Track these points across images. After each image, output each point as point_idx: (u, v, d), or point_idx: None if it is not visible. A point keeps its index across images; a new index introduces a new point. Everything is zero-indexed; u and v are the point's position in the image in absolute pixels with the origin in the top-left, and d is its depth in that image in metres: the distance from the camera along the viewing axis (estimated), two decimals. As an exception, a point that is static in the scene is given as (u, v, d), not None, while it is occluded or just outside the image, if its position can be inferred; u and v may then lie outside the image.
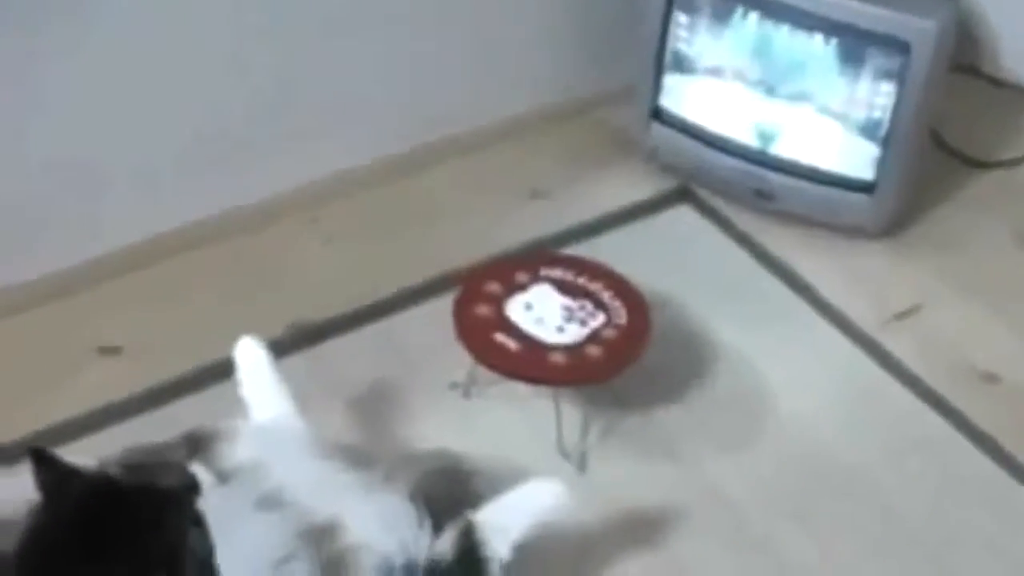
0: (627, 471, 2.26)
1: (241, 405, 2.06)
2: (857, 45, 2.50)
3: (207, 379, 2.31)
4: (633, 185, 2.80)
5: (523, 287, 2.32)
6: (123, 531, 1.53)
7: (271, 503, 1.81)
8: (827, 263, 2.64)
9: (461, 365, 2.30)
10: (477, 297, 2.30)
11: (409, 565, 1.84)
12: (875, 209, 2.64)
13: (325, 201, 2.71)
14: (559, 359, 2.20)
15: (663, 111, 2.74)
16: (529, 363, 2.21)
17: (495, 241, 2.61)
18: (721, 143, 2.70)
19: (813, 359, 2.50)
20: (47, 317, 2.44)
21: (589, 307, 2.29)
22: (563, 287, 2.32)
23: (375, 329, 2.49)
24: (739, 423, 2.36)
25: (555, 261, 2.40)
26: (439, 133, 2.81)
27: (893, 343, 2.48)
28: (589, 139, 2.91)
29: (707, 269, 2.66)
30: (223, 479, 1.83)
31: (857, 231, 2.67)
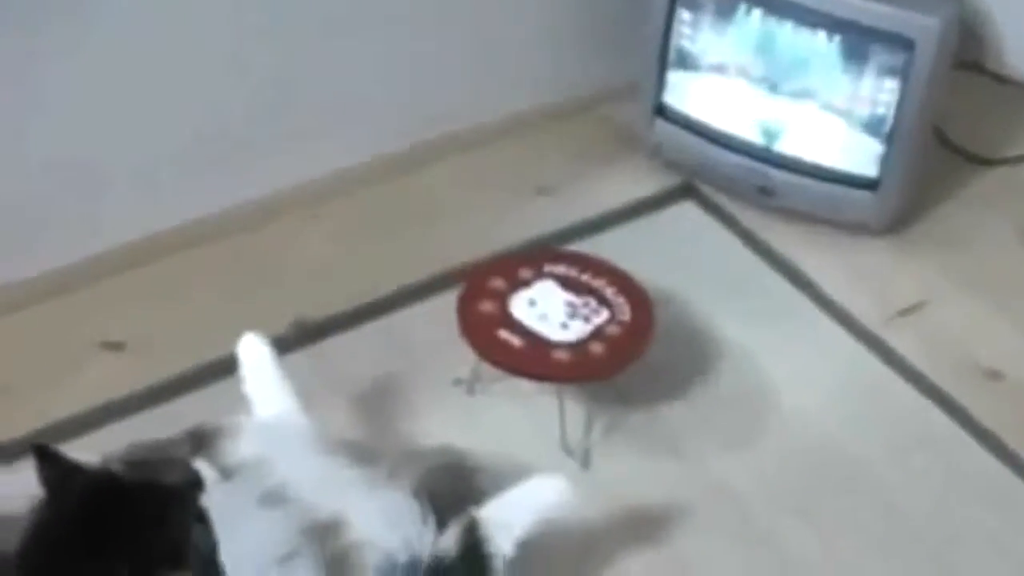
0: (631, 468, 2.26)
1: (244, 401, 2.06)
2: (861, 42, 2.50)
3: (210, 375, 2.31)
4: (636, 182, 2.80)
5: (527, 283, 2.32)
6: (127, 527, 1.54)
7: (275, 499, 1.81)
8: (831, 260, 2.64)
9: (465, 362, 2.30)
10: (481, 293, 2.30)
11: (413, 561, 1.83)
12: (879, 206, 2.64)
13: (328, 198, 2.70)
14: (563, 356, 2.20)
15: (667, 108, 2.74)
16: (533, 360, 2.20)
17: (499, 238, 2.61)
18: (725, 140, 2.70)
19: (817, 356, 2.50)
20: (51, 313, 2.44)
21: (593, 304, 2.29)
22: (567, 283, 2.32)
23: (379, 326, 2.49)
24: (743, 419, 2.36)
25: (559, 257, 2.40)
26: (442, 130, 2.81)
27: (897, 340, 2.48)
28: (593, 136, 2.91)
29: (711, 266, 2.66)
30: (226, 475, 1.82)
31: (861, 228, 2.67)
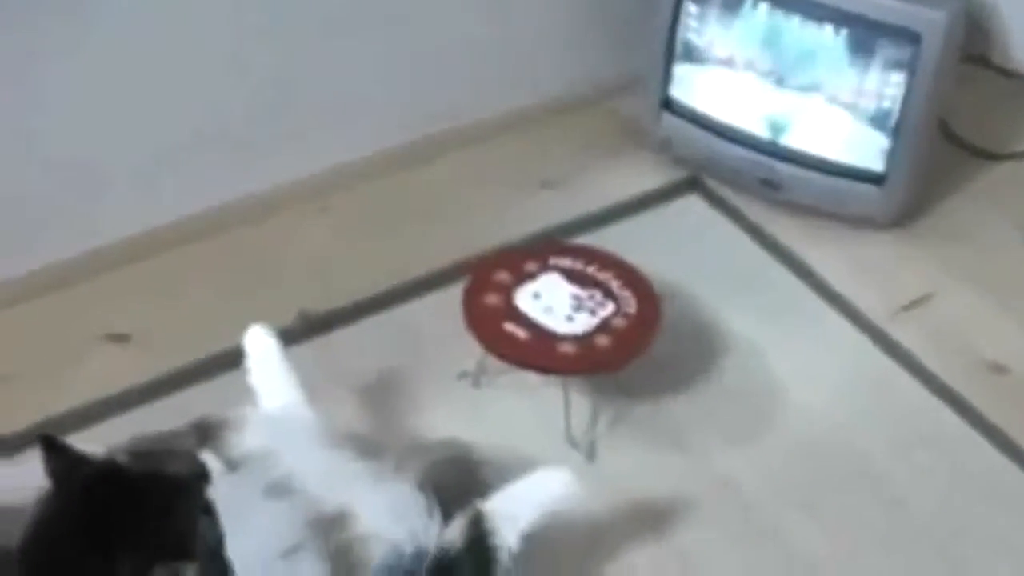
0: (636, 461, 2.26)
1: (250, 393, 2.06)
2: (867, 36, 2.50)
3: (216, 368, 2.31)
4: (642, 175, 2.80)
5: (532, 276, 2.32)
6: (133, 518, 1.54)
7: (280, 491, 1.81)
8: (836, 254, 2.64)
9: (470, 355, 2.30)
10: (486, 286, 2.30)
11: (418, 554, 1.84)
12: (884, 200, 2.63)
13: (334, 191, 2.71)
14: (568, 348, 2.20)
15: (673, 101, 2.74)
16: (538, 352, 2.20)
17: (504, 231, 2.61)
18: (731, 133, 2.70)
19: (822, 350, 2.50)
20: (56, 306, 2.44)
21: (598, 296, 2.29)
22: (572, 276, 2.32)
23: (384, 319, 2.49)
24: (747, 413, 2.36)
25: (564, 250, 2.40)
26: (449, 124, 2.81)
27: (902, 334, 2.48)
28: (599, 129, 2.91)
29: (716, 259, 2.66)
30: (232, 467, 1.82)
31: (866, 222, 2.67)
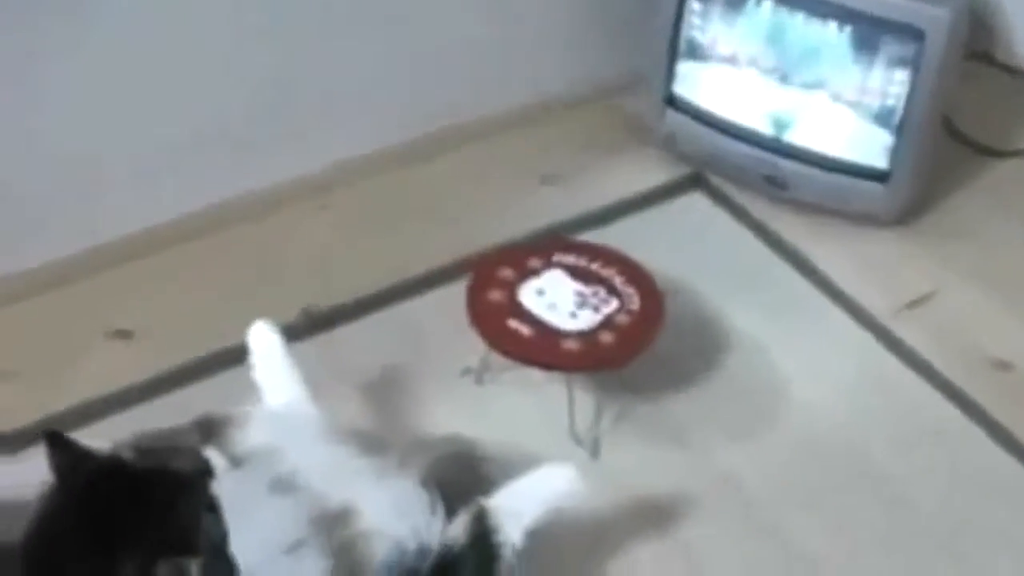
0: (639, 458, 2.26)
1: (254, 390, 2.06)
2: (871, 33, 2.49)
3: (220, 364, 2.31)
4: (646, 172, 2.80)
5: (536, 273, 2.32)
6: (137, 514, 1.54)
7: (284, 487, 1.81)
8: (840, 251, 2.63)
9: (474, 351, 2.30)
10: (490, 283, 2.30)
11: (422, 550, 1.84)
12: (888, 197, 2.63)
13: (336, 189, 2.70)
14: (572, 345, 2.20)
15: (677, 98, 2.74)
16: (542, 349, 2.20)
17: (508, 228, 2.61)
18: (735, 130, 2.70)
19: (825, 347, 2.50)
20: (59, 303, 2.44)
21: (602, 293, 2.28)
22: (576, 273, 2.32)
23: (387, 315, 2.49)
24: (750, 410, 2.36)
25: (568, 247, 2.40)
26: (452, 120, 2.81)
27: (905, 331, 2.48)
28: (602, 126, 2.91)
29: (720, 256, 2.66)
30: (236, 464, 1.82)
31: (870, 219, 2.67)
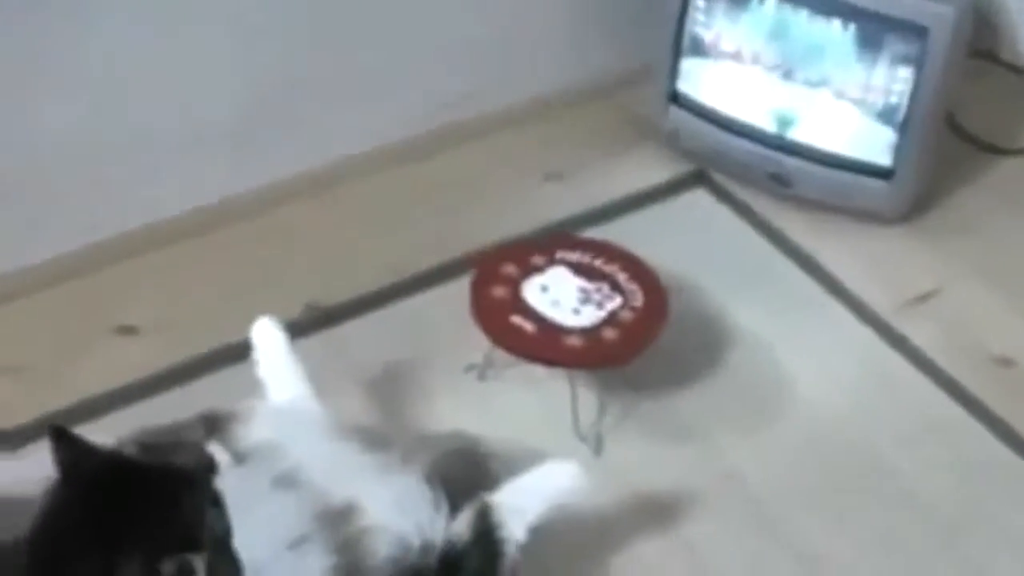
0: (643, 454, 2.26)
1: (258, 386, 2.07)
2: (875, 30, 2.49)
3: (224, 360, 2.31)
4: (649, 169, 2.80)
5: (539, 269, 2.31)
6: (141, 510, 1.54)
7: (288, 483, 1.81)
8: (844, 248, 2.63)
9: (477, 347, 2.30)
10: (493, 279, 2.29)
11: (425, 547, 1.84)
12: (892, 195, 2.63)
13: (340, 185, 2.70)
14: (575, 341, 2.20)
15: (681, 95, 2.74)
16: (545, 345, 2.20)
17: (510, 225, 2.61)
18: (738, 127, 2.69)
19: (829, 344, 2.50)
20: (64, 298, 2.45)
21: (605, 289, 2.28)
22: (579, 269, 2.32)
23: (391, 312, 2.49)
24: (754, 407, 2.36)
25: (571, 244, 2.40)
26: (455, 117, 2.81)
27: (909, 328, 2.48)
28: (606, 123, 2.91)
29: (723, 253, 2.66)
30: (240, 460, 1.82)
31: (874, 216, 2.67)
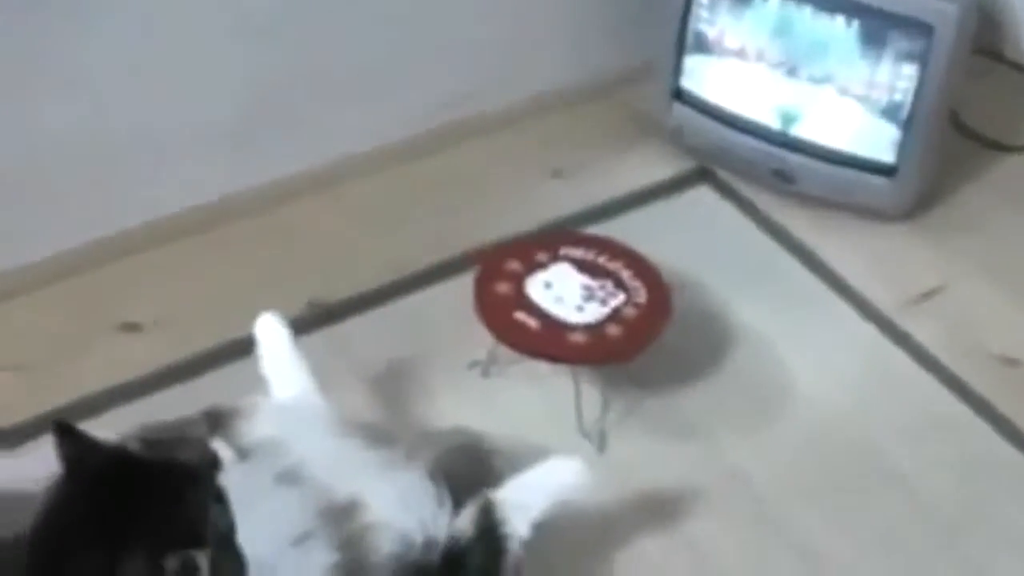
0: (646, 451, 2.26)
1: (261, 382, 2.07)
2: (879, 27, 2.49)
3: (227, 356, 2.32)
4: (653, 165, 2.80)
5: (543, 266, 2.32)
6: (145, 505, 1.54)
7: (291, 479, 1.81)
8: (847, 245, 2.63)
9: (481, 344, 2.30)
10: (497, 276, 2.30)
11: (428, 543, 1.84)
12: (895, 192, 2.63)
13: (344, 181, 2.70)
14: (579, 338, 2.20)
15: (684, 92, 2.74)
16: (549, 342, 2.20)
17: (514, 221, 2.61)
18: (742, 124, 2.70)
19: (832, 341, 2.50)
20: (67, 294, 2.45)
21: (609, 286, 2.28)
22: (583, 266, 2.32)
23: (394, 308, 2.49)
24: (758, 404, 2.36)
25: (575, 240, 2.40)
26: (459, 113, 2.80)
27: (913, 325, 2.48)
28: (610, 120, 2.91)
29: (727, 250, 2.66)
30: (243, 456, 1.82)
31: (877, 214, 2.67)
